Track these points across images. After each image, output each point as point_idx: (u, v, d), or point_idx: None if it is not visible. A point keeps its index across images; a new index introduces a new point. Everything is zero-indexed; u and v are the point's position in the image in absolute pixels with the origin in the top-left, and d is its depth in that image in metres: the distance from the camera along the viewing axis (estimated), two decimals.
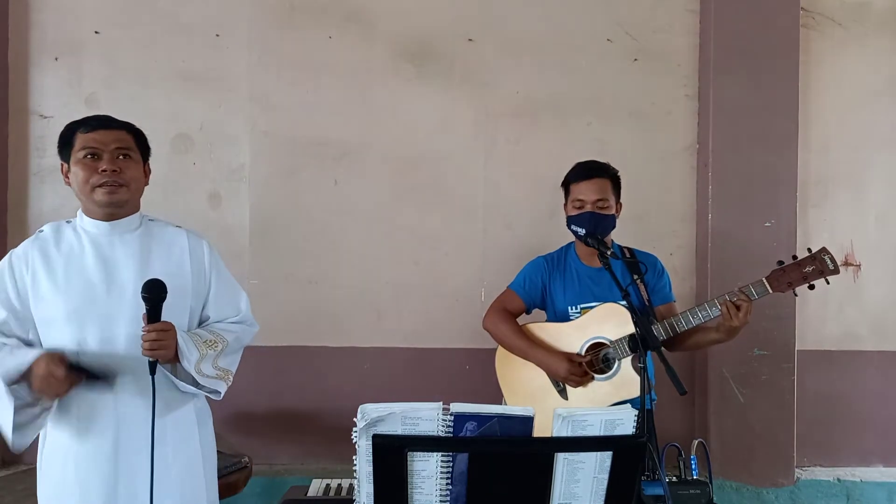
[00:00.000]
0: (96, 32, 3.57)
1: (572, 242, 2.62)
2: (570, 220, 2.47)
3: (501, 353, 2.61)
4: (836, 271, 2.23)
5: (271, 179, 3.53)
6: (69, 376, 1.73)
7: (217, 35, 3.57)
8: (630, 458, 1.33)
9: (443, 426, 1.28)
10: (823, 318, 3.64)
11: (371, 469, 1.28)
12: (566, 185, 2.55)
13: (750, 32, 3.47)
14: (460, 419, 1.28)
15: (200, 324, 2.03)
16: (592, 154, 2.67)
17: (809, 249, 2.28)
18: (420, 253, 3.60)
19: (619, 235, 2.63)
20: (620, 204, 2.54)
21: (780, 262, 2.27)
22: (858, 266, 3.65)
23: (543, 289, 2.58)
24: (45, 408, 1.79)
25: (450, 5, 3.61)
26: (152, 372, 1.76)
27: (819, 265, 2.23)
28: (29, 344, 1.87)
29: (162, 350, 1.76)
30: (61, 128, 3.48)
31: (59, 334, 1.84)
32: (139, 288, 1.77)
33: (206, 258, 2.02)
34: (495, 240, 3.61)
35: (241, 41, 3.57)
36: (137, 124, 3.51)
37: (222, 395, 1.99)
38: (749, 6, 3.47)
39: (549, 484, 1.32)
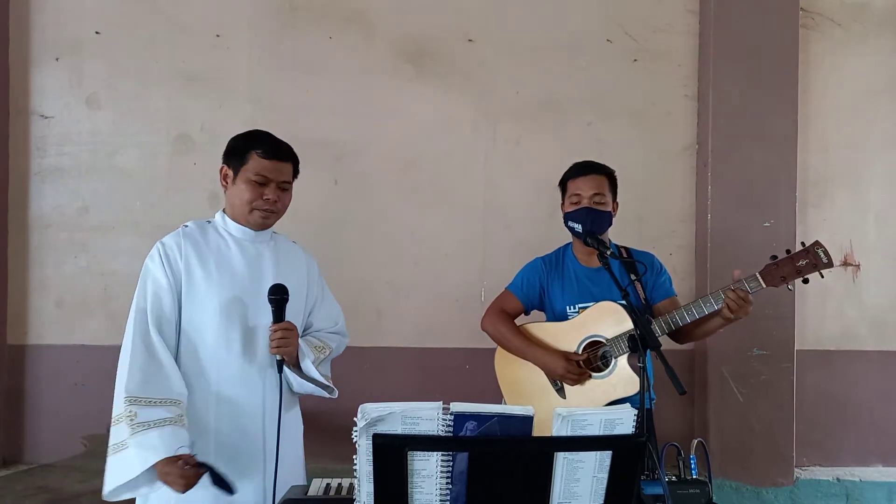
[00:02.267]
0: (97, 33, 3.57)
1: (569, 243, 2.62)
2: (567, 216, 2.48)
3: (500, 353, 2.61)
4: (829, 264, 2.22)
5: None
6: (197, 475, 1.76)
7: (217, 35, 3.58)
8: (630, 458, 1.33)
9: (443, 426, 1.28)
10: (823, 318, 3.65)
11: (371, 468, 1.28)
12: (563, 183, 2.55)
13: (750, 33, 3.47)
14: (460, 419, 1.29)
15: (304, 331, 2.17)
16: (592, 154, 2.68)
17: (803, 243, 2.27)
18: (420, 253, 3.60)
19: (619, 236, 2.64)
20: (617, 203, 2.54)
21: (774, 257, 2.26)
22: (858, 266, 3.66)
23: (541, 290, 2.58)
24: (153, 489, 1.81)
25: (450, 5, 3.62)
26: (280, 370, 1.92)
27: (812, 258, 2.22)
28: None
29: (288, 347, 1.92)
30: (62, 128, 3.57)
31: (205, 326, 1.93)
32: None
33: (315, 272, 2.22)
34: (495, 240, 3.61)
35: (242, 41, 3.58)
36: (137, 124, 3.58)
37: (336, 394, 2.15)
38: (749, 6, 3.48)
39: (548, 483, 1.32)
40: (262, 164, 1.98)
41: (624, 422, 1.34)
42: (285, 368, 1.97)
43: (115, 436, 1.82)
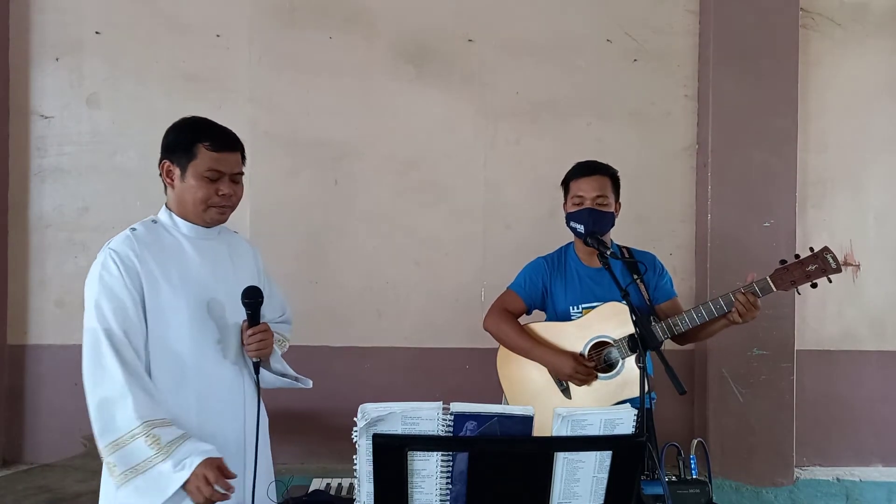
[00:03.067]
0: (97, 33, 3.57)
1: (571, 243, 2.62)
2: (570, 217, 2.48)
3: (503, 352, 2.60)
4: (838, 270, 2.25)
5: (272, 179, 3.53)
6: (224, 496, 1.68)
7: (217, 35, 3.58)
8: (630, 458, 1.34)
9: (443, 426, 1.28)
10: (823, 318, 3.65)
11: (371, 468, 1.28)
12: (566, 183, 2.55)
13: (749, 33, 3.47)
14: (460, 419, 1.29)
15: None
16: (592, 154, 2.68)
17: (812, 248, 2.29)
18: (420, 253, 3.60)
19: (620, 236, 2.64)
20: (619, 203, 2.54)
21: (783, 261, 2.29)
22: (858, 266, 3.66)
23: (544, 290, 2.58)
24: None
25: (450, 5, 3.61)
26: (257, 372, 1.85)
27: (822, 264, 2.25)
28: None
29: (266, 350, 1.85)
30: (62, 128, 3.57)
31: (177, 341, 1.80)
32: (238, 288, 1.84)
33: (260, 262, 2.12)
34: (495, 240, 3.61)
35: (242, 41, 3.58)
36: (137, 124, 3.57)
37: (311, 384, 2.10)
38: (748, 6, 3.48)
39: (548, 483, 1.32)
40: (212, 157, 1.82)
41: (624, 422, 1.34)
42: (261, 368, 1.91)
43: (130, 457, 1.66)
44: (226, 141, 1.88)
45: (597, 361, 2.41)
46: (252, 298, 1.82)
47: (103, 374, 1.68)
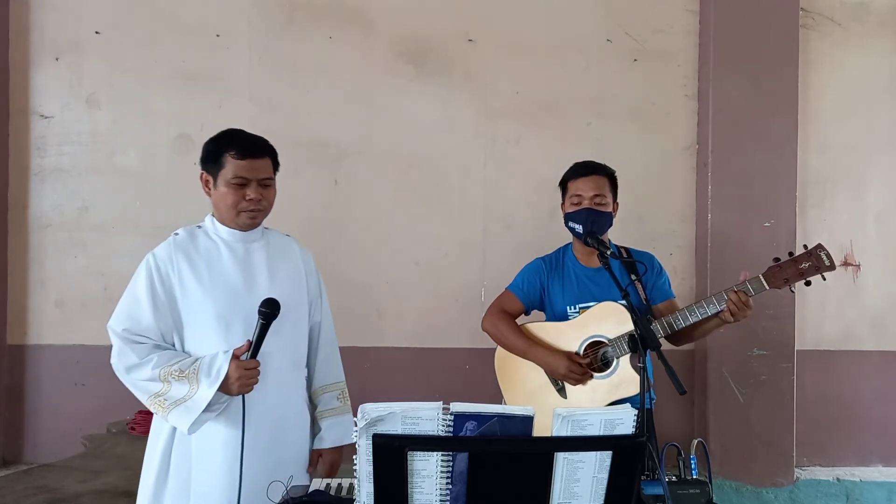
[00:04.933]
0: (97, 32, 3.58)
1: (569, 243, 2.62)
2: (568, 217, 2.48)
3: (501, 352, 2.61)
4: (832, 267, 2.23)
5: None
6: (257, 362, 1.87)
7: (217, 35, 3.58)
8: (630, 458, 1.33)
9: (443, 426, 1.28)
10: (823, 318, 3.65)
11: (371, 468, 1.28)
12: (563, 183, 2.55)
13: (749, 33, 3.47)
14: (460, 419, 1.28)
15: (311, 327, 2.16)
16: (592, 154, 2.68)
17: (805, 246, 2.27)
18: (420, 253, 3.60)
19: (619, 235, 2.64)
20: (617, 204, 2.54)
21: (777, 259, 2.27)
22: (858, 266, 3.66)
23: (542, 290, 2.58)
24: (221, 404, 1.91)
25: (450, 5, 3.62)
26: (244, 402, 1.87)
27: (815, 261, 2.23)
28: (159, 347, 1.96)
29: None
30: (61, 127, 3.57)
31: (208, 337, 1.94)
32: (266, 293, 1.91)
33: (312, 264, 2.19)
34: (495, 240, 3.61)
35: (242, 41, 3.58)
36: (138, 124, 3.58)
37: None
38: (749, 6, 3.48)
39: (548, 483, 1.32)
40: (238, 165, 1.95)
41: (624, 422, 1.34)
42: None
43: (172, 393, 1.87)
44: (251, 148, 1.99)
45: (592, 361, 2.41)
46: (268, 308, 1.87)
47: (120, 358, 1.96)
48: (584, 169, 2.50)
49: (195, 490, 1.92)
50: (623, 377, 2.35)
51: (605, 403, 2.33)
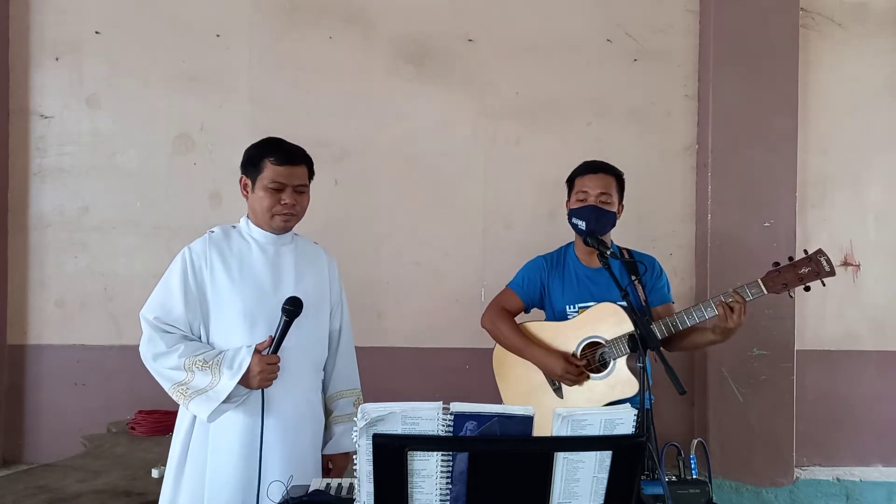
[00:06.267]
0: (97, 32, 3.58)
1: (571, 243, 2.62)
2: (572, 213, 2.48)
3: (499, 351, 2.62)
4: (831, 273, 2.22)
5: None
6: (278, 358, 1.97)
7: (218, 35, 3.58)
8: (629, 458, 1.33)
9: (443, 426, 1.28)
10: (823, 318, 3.65)
11: (371, 468, 1.28)
12: (571, 180, 2.56)
13: (749, 32, 3.47)
14: (460, 419, 1.29)
15: (330, 333, 2.27)
16: (592, 154, 2.68)
17: (806, 251, 2.27)
18: (420, 253, 3.60)
19: (620, 235, 2.64)
20: (622, 206, 2.54)
21: (776, 264, 2.26)
22: (858, 266, 3.66)
23: (542, 288, 2.58)
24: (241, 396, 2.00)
25: (450, 5, 3.62)
26: (263, 396, 1.97)
27: (815, 267, 2.21)
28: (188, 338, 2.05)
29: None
30: (62, 127, 3.57)
31: (233, 331, 2.03)
32: (296, 293, 2.01)
33: (336, 272, 2.30)
34: (495, 240, 3.61)
35: (242, 41, 3.58)
36: (138, 124, 3.58)
37: None
38: (748, 6, 3.48)
39: (548, 483, 1.32)
40: (276, 171, 2.07)
41: (624, 422, 1.34)
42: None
43: (195, 383, 1.96)
44: (289, 156, 2.10)
45: (589, 361, 2.41)
46: (291, 306, 1.96)
47: (148, 345, 2.02)
48: (592, 167, 2.51)
49: (210, 477, 2.01)
50: (619, 378, 2.35)
51: (601, 404, 2.33)
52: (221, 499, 1.98)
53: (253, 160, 2.11)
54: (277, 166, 2.07)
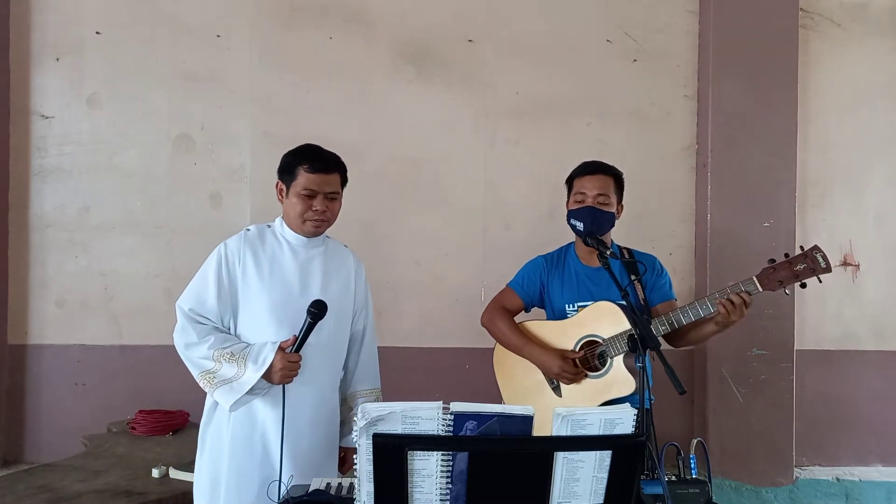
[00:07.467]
0: (97, 33, 3.58)
1: (572, 242, 2.63)
2: (570, 214, 2.48)
3: (499, 350, 2.62)
4: (828, 269, 2.21)
5: (272, 179, 3.51)
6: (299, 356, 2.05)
7: (218, 35, 3.58)
8: (629, 457, 1.34)
9: (443, 425, 1.28)
10: (822, 318, 3.65)
11: (371, 468, 1.28)
12: (570, 181, 2.56)
13: (749, 33, 3.47)
14: (460, 418, 1.29)
15: (352, 335, 2.35)
16: (592, 154, 2.68)
17: (801, 247, 2.25)
18: (420, 253, 3.61)
19: (619, 235, 2.64)
20: (622, 206, 2.54)
21: (772, 261, 2.26)
22: (857, 266, 3.66)
23: (542, 288, 2.59)
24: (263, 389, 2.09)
25: (450, 6, 3.62)
26: (284, 391, 2.05)
27: (811, 263, 2.20)
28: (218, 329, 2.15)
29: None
30: (62, 128, 3.57)
31: (259, 326, 2.12)
32: (317, 296, 2.09)
33: (363, 278, 2.38)
34: (495, 240, 3.61)
35: (242, 42, 3.58)
36: (138, 124, 3.58)
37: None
38: (748, 7, 3.48)
39: (548, 483, 1.32)
40: (309, 178, 2.14)
41: (624, 421, 1.34)
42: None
43: (222, 373, 2.05)
44: (322, 164, 2.17)
45: (588, 360, 2.41)
46: (316, 308, 2.02)
47: (181, 334, 2.11)
48: (590, 167, 2.51)
49: (228, 464, 2.11)
50: (616, 377, 2.35)
51: (598, 403, 2.33)
52: (236, 482, 2.08)
53: (288, 167, 2.18)
54: (310, 174, 2.14)
